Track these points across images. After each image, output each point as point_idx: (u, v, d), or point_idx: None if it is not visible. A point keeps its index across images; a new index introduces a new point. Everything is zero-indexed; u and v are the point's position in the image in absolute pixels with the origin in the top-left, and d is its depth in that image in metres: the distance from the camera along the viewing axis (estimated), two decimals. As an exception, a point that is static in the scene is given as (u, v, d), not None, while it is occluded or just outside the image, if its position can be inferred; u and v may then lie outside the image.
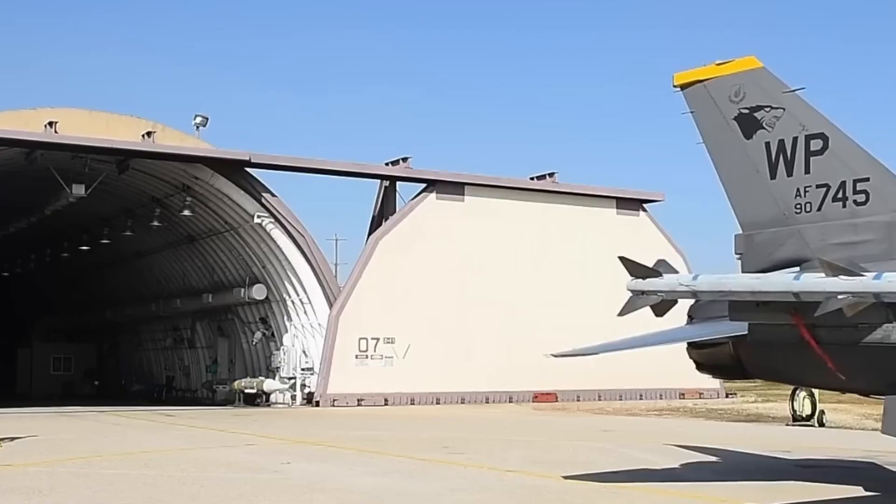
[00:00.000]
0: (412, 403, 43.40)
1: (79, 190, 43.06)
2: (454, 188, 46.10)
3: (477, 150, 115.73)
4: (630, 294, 11.74)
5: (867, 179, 16.05)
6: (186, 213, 45.84)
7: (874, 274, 10.80)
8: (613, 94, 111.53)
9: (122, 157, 42.53)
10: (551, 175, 48.96)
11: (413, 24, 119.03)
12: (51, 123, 40.70)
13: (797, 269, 15.48)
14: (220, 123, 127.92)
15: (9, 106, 47.50)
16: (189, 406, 46.69)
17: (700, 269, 15.12)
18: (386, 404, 43.02)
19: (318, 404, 42.94)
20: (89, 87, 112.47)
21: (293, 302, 45.32)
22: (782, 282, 11.47)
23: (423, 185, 46.20)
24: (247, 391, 45.89)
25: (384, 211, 46.72)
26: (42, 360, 67.09)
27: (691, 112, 18.11)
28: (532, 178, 49.03)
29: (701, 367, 16.83)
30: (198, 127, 46.00)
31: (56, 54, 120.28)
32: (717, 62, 17.78)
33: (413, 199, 46.18)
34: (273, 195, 44.07)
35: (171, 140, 44.43)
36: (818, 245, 16.23)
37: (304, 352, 44.73)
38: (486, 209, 46.29)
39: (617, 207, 49.81)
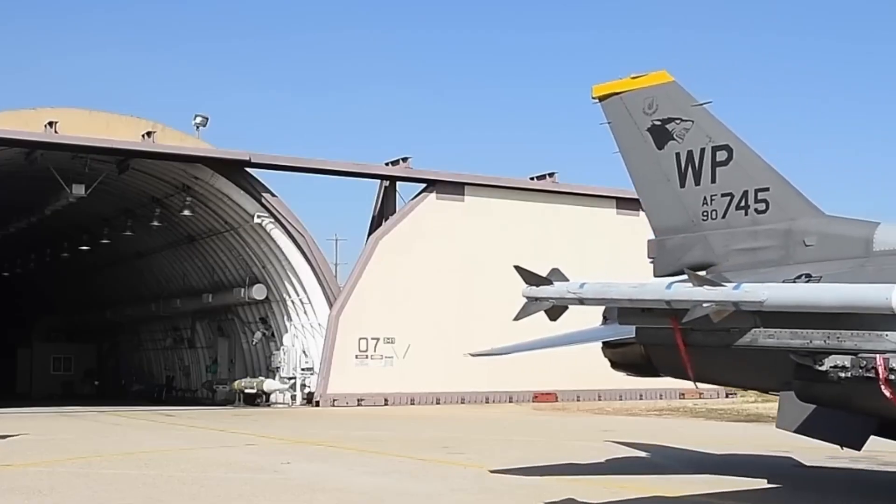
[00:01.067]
0: (412, 403, 43.39)
1: (79, 190, 43.04)
2: (454, 188, 46.08)
3: (477, 150, 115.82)
4: (525, 300, 12.93)
5: (767, 189, 16.93)
6: (186, 213, 45.83)
7: (734, 284, 11.92)
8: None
9: (122, 157, 42.52)
10: (551, 175, 48.93)
11: (413, 24, 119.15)
12: (51, 123, 40.68)
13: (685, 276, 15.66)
14: (220, 123, 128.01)
15: (9, 106, 47.56)
16: (189, 406, 46.68)
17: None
18: (386, 404, 43.01)
19: (318, 404, 42.93)
20: (89, 87, 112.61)
21: (293, 302, 45.31)
22: (656, 290, 12.38)
23: (423, 185, 46.18)
24: (247, 391, 45.88)
25: (384, 211, 46.70)
26: (42, 360, 67.06)
27: (609, 123, 18.85)
28: (532, 178, 49.00)
29: (615, 365, 17.55)
30: (198, 127, 46.00)
31: (56, 54, 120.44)
32: (633, 75, 18.47)
33: (413, 199, 46.16)
34: (273, 195, 44.06)
35: (171, 140, 44.41)
36: (722, 251, 17.29)
37: (304, 352, 44.73)
38: (486, 209, 46.26)
39: (617, 207, 49.74)
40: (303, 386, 44.71)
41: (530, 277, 12.71)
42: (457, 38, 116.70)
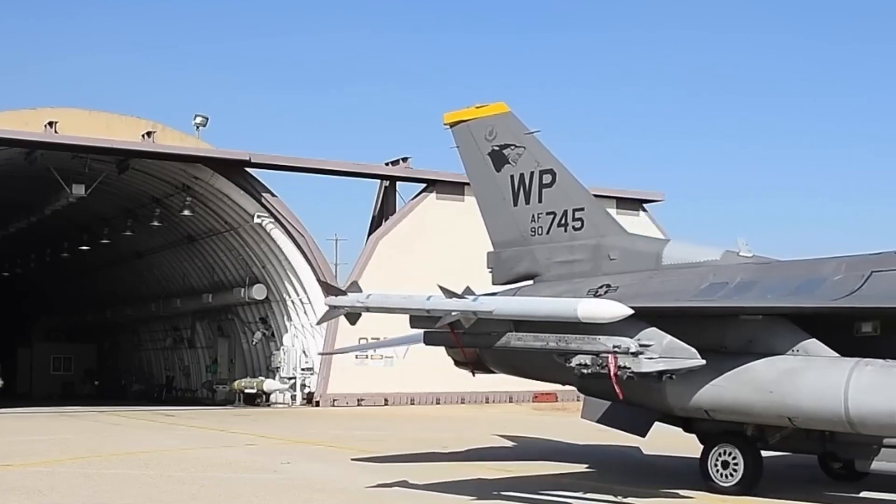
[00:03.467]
0: (412, 403, 43.38)
1: (79, 190, 43.01)
2: (454, 188, 45.98)
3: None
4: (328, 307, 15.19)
5: (583, 209, 19.38)
6: (186, 213, 45.79)
7: (473, 297, 14.20)
8: (613, 94, 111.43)
9: (122, 157, 42.48)
10: (551, 175, 48.87)
11: (413, 24, 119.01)
12: (51, 123, 40.67)
13: (526, 283, 19.65)
14: (220, 123, 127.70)
15: (9, 106, 47.49)
16: (189, 406, 46.67)
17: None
18: (386, 404, 43.01)
19: (318, 404, 42.92)
20: (89, 87, 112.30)
21: (293, 302, 45.28)
22: (420, 301, 14.57)
23: (423, 185, 46.16)
24: (247, 391, 45.85)
25: (384, 211, 46.68)
26: (42, 360, 66.99)
27: (458, 147, 21.20)
28: (532, 178, 48.96)
29: (457, 363, 19.74)
30: (198, 127, 46.00)
31: (56, 54, 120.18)
32: (477, 105, 20.69)
33: (413, 199, 46.14)
34: (273, 195, 44.03)
35: (171, 140, 44.40)
36: (545, 262, 19.60)
37: (304, 352, 44.71)
38: (486, 209, 46.17)
39: (617, 207, 49.66)
40: (303, 386, 44.70)
41: (331, 289, 15.18)
42: (456, 38, 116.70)
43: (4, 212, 50.75)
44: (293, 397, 44.80)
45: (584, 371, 14.01)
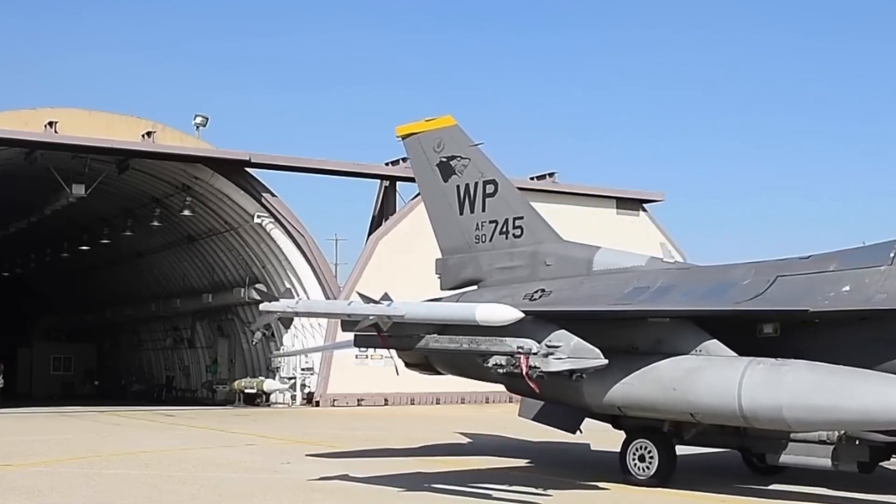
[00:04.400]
0: (412, 403, 43.38)
1: (79, 190, 43.00)
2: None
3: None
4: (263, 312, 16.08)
5: (522, 217, 20.37)
6: (186, 213, 45.79)
7: (388, 303, 15.17)
8: (614, 94, 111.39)
9: (122, 157, 42.47)
10: (551, 175, 48.90)
11: (413, 24, 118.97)
12: (51, 123, 40.64)
13: (469, 288, 20.76)
14: (220, 123, 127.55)
15: (9, 106, 47.40)
16: (189, 406, 46.67)
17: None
18: (386, 404, 43.01)
19: (318, 404, 42.92)
20: (89, 87, 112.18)
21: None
22: (342, 306, 16.08)
23: (424, 186, 46.08)
24: (247, 391, 45.83)
25: (384, 211, 46.66)
26: (42, 360, 66.98)
27: (409, 158, 22.32)
28: (532, 178, 48.96)
29: (408, 365, 20.64)
30: (198, 127, 45.95)
31: (56, 54, 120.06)
32: (426, 119, 21.73)
33: (413, 199, 46.08)
34: (273, 195, 44.02)
35: (171, 140, 44.37)
36: (488, 269, 20.64)
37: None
38: (486, 209, 46.15)
39: (617, 207, 49.74)
40: (303, 386, 44.69)
41: (265, 295, 16.18)
42: (456, 38, 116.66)
43: (4, 212, 50.73)
44: (293, 397, 44.78)
45: (500, 371, 14.99)
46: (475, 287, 20.80)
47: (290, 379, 44.93)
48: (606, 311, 16.74)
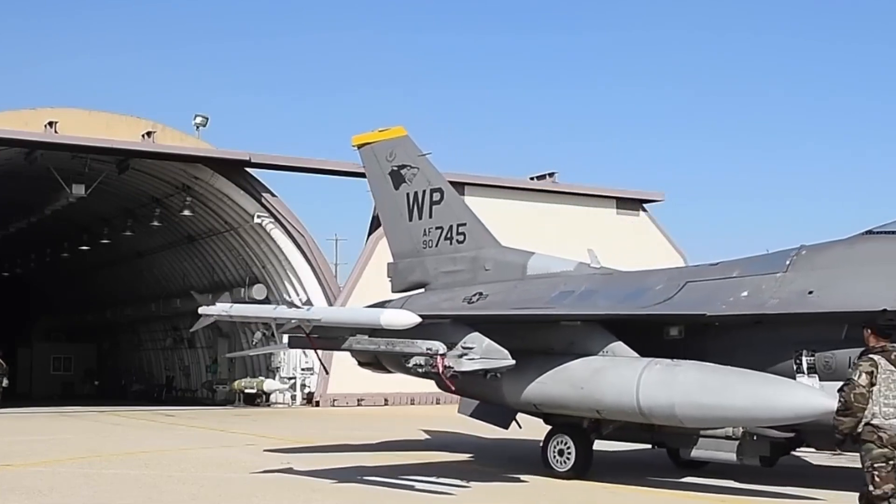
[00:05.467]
0: (412, 403, 43.37)
1: (79, 190, 42.99)
2: (454, 188, 45.88)
3: (477, 150, 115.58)
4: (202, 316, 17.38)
5: (465, 224, 21.66)
6: (186, 213, 45.78)
7: (307, 308, 16.95)
8: (613, 94, 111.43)
9: (122, 157, 42.46)
10: (551, 175, 48.88)
11: (413, 24, 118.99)
12: (51, 123, 40.64)
13: (417, 291, 21.91)
14: (220, 123, 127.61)
15: (9, 106, 47.42)
16: (189, 406, 46.66)
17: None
18: (386, 404, 43.01)
19: (318, 404, 42.92)
20: (89, 87, 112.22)
21: (293, 302, 45.23)
22: (269, 310, 17.44)
23: (423, 185, 46.06)
24: (247, 391, 45.84)
25: (384, 211, 46.52)
26: (42, 360, 66.98)
27: (364, 167, 23.84)
28: (532, 178, 48.95)
29: (361, 364, 21.32)
30: (198, 127, 45.94)
31: (56, 54, 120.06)
32: (379, 129, 23.13)
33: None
34: (273, 195, 44.02)
35: (171, 140, 44.37)
36: (434, 273, 21.65)
37: (303, 352, 44.64)
38: (486, 209, 45.92)
39: (617, 207, 49.72)
40: (303, 386, 44.68)
41: (203, 299, 17.18)
42: (456, 38, 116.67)
43: (4, 212, 50.72)
44: (293, 397, 44.78)
45: (420, 370, 16.06)
46: (422, 290, 21.80)
47: (290, 379, 44.93)
48: (514, 314, 17.90)
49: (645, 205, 50.79)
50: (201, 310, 17.33)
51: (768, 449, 15.86)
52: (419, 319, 14.96)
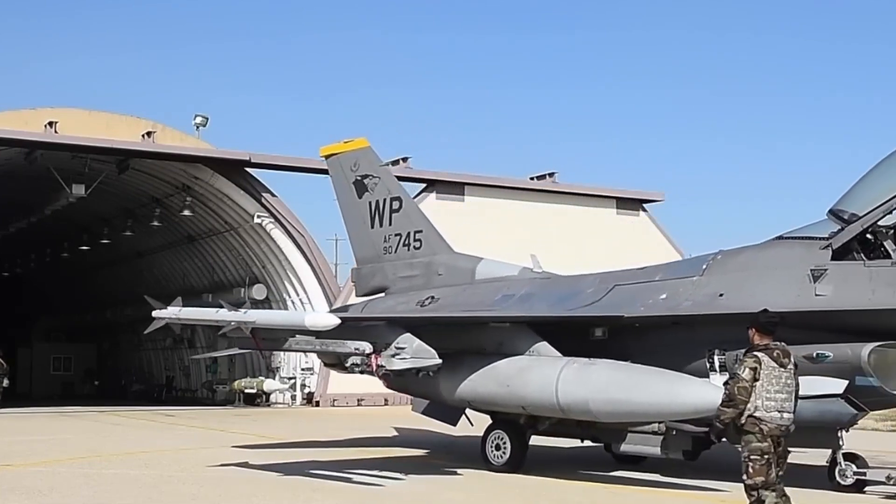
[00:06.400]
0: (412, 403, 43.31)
1: (79, 190, 42.98)
2: (454, 188, 46.03)
3: (477, 150, 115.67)
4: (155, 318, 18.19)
5: (421, 231, 22.63)
6: (186, 213, 45.77)
7: (244, 311, 16.92)
8: (613, 94, 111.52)
9: (122, 157, 42.45)
10: (551, 175, 48.87)
11: (413, 24, 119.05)
12: (51, 123, 40.62)
13: (378, 295, 22.91)
14: (220, 123, 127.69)
15: (9, 106, 47.40)
16: (189, 406, 46.67)
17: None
18: (386, 404, 42.99)
19: (318, 404, 42.92)
20: (89, 87, 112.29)
21: (293, 302, 45.25)
22: (212, 313, 17.49)
23: (423, 185, 46.14)
24: (247, 391, 45.83)
25: (384, 211, 46.54)
26: (42, 360, 66.95)
27: (331, 176, 24.48)
28: (532, 178, 48.93)
29: (325, 364, 22.20)
30: (198, 127, 45.93)
31: (56, 54, 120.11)
32: (345, 141, 24.16)
33: (413, 198, 46.07)
34: (273, 195, 44.01)
35: (171, 140, 44.36)
36: (392, 278, 22.73)
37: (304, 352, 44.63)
38: (486, 209, 46.19)
39: (617, 207, 49.70)
40: (303, 386, 44.67)
41: (155, 303, 18.31)
42: (456, 38, 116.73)
43: (4, 212, 50.69)
44: (293, 397, 44.77)
45: (357, 369, 16.99)
46: (383, 294, 22.80)
47: (290, 379, 44.91)
48: (442, 317, 18.92)
49: (645, 205, 50.77)
50: (156, 313, 18.22)
51: (690, 443, 16.60)
52: (338, 321, 15.60)
